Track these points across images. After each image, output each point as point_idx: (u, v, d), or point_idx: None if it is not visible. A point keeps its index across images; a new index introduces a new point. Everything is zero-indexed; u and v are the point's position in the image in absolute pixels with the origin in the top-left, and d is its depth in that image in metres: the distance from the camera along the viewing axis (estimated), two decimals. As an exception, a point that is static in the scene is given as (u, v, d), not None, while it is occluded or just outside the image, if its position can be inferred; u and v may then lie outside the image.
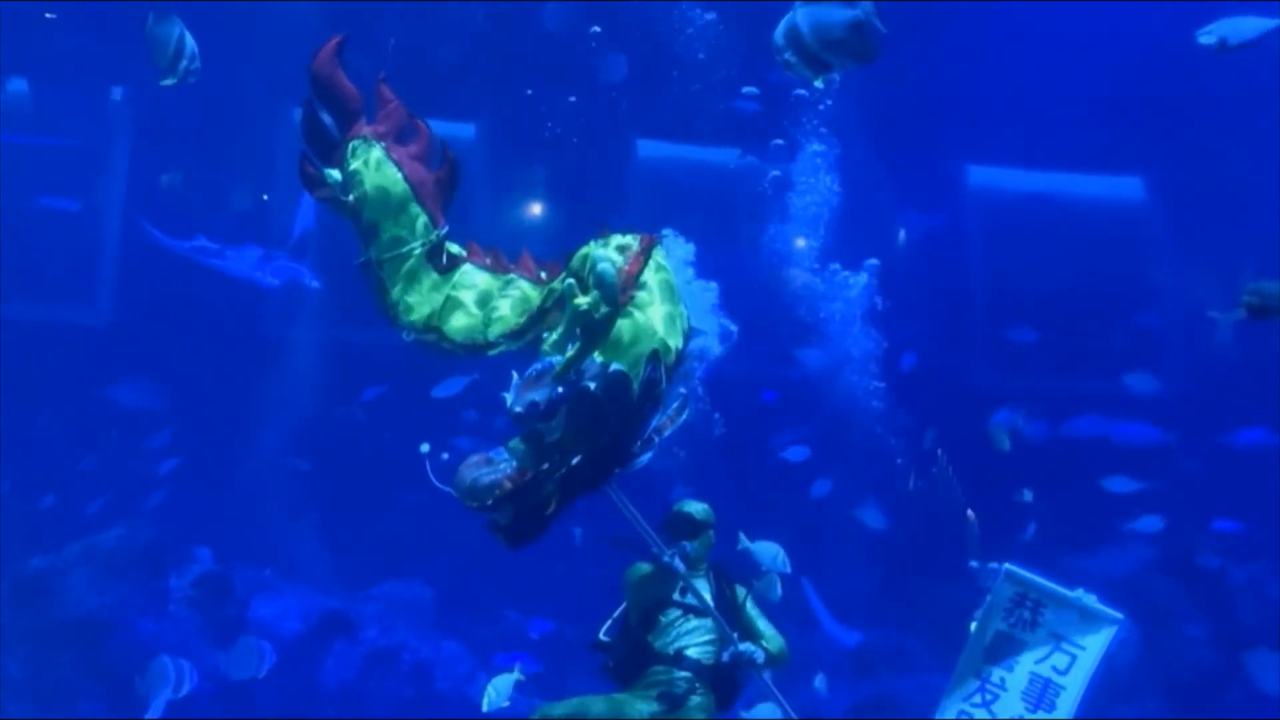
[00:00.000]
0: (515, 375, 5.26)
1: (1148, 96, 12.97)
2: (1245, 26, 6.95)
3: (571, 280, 5.32)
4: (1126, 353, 13.51)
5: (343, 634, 12.36)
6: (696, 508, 6.73)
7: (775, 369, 13.37)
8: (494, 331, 5.58)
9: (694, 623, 6.46)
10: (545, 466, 5.17)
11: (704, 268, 5.83)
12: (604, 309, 5.20)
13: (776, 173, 12.73)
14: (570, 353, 5.23)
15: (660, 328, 5.36)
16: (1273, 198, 13.26)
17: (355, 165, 5.70)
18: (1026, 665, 5.90)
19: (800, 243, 14.96)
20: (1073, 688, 5.83)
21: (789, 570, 9.41)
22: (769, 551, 9.13)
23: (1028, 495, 12.60)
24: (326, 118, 5.80)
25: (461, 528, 12.27)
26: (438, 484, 5.28)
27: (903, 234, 13.24)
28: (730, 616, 6.49)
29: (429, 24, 13.33)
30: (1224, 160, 13.13)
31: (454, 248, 5.76)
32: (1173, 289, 13.80)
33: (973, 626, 6.10)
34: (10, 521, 12.35)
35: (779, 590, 9.17)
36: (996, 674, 5.93)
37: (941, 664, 12.43)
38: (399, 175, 5.69)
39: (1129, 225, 14.59)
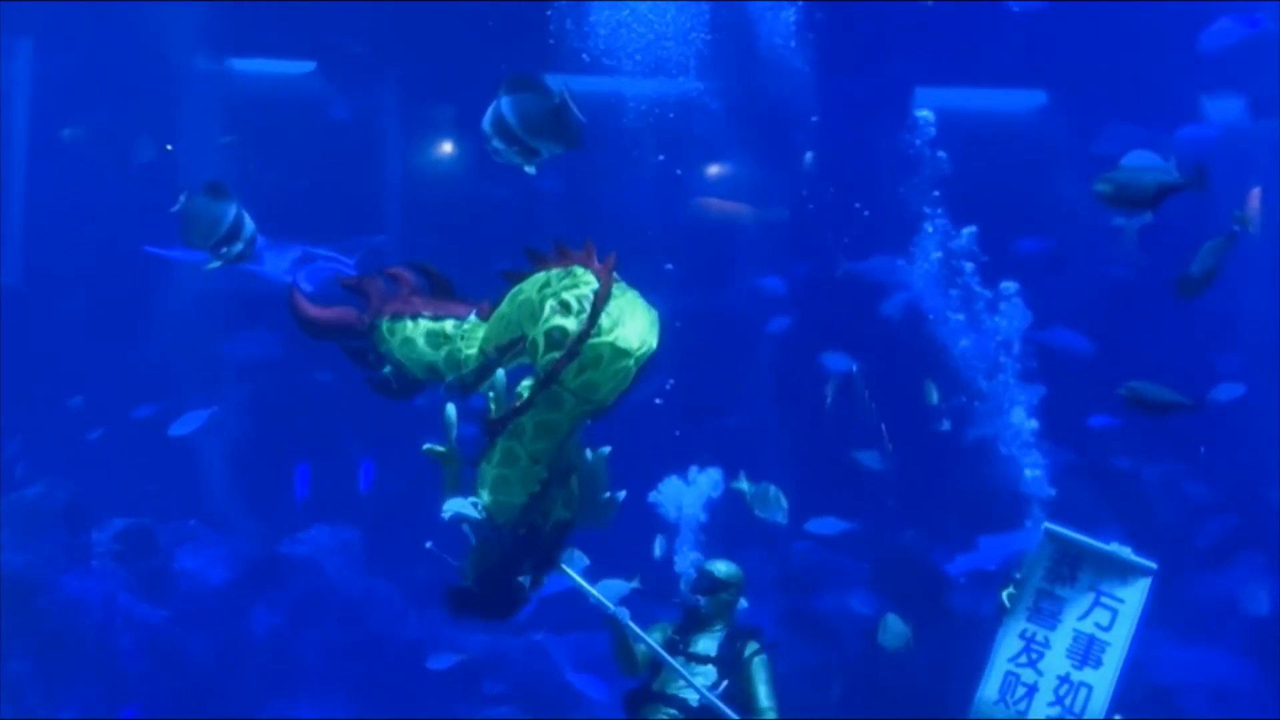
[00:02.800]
0: None
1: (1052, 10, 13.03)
2: None
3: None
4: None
5: (271, 581, 12.39)
6: (721, 567, 7.03)
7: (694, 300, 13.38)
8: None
9: (695, 669, 6.67)
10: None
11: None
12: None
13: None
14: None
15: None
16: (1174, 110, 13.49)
17: (384, 349, 5.85)
18: (1070, 622, 5.94)
19: (713, 170, 14.98)
20: (1117, 643, 5.87)
21: (785, 521, 9.51)
22: (764, 493, 9.21)
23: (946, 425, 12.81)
24: (350, 343, 5.96)
25: (387, 470, 12.41)
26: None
27: (809, 156, 13.22)
28: (730, 670, 6.71)
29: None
30: (1126, 72, 13.26)
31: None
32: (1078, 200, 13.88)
33: (1004, 594, 6.16)
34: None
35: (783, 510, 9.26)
36: (1041, 633, 5.96)
37: (868, 579, 12.68)
38: (406, 319, 5.78)
39: (1033, 139, 14.67)
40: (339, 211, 13.76)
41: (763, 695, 6.69)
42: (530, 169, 5.68)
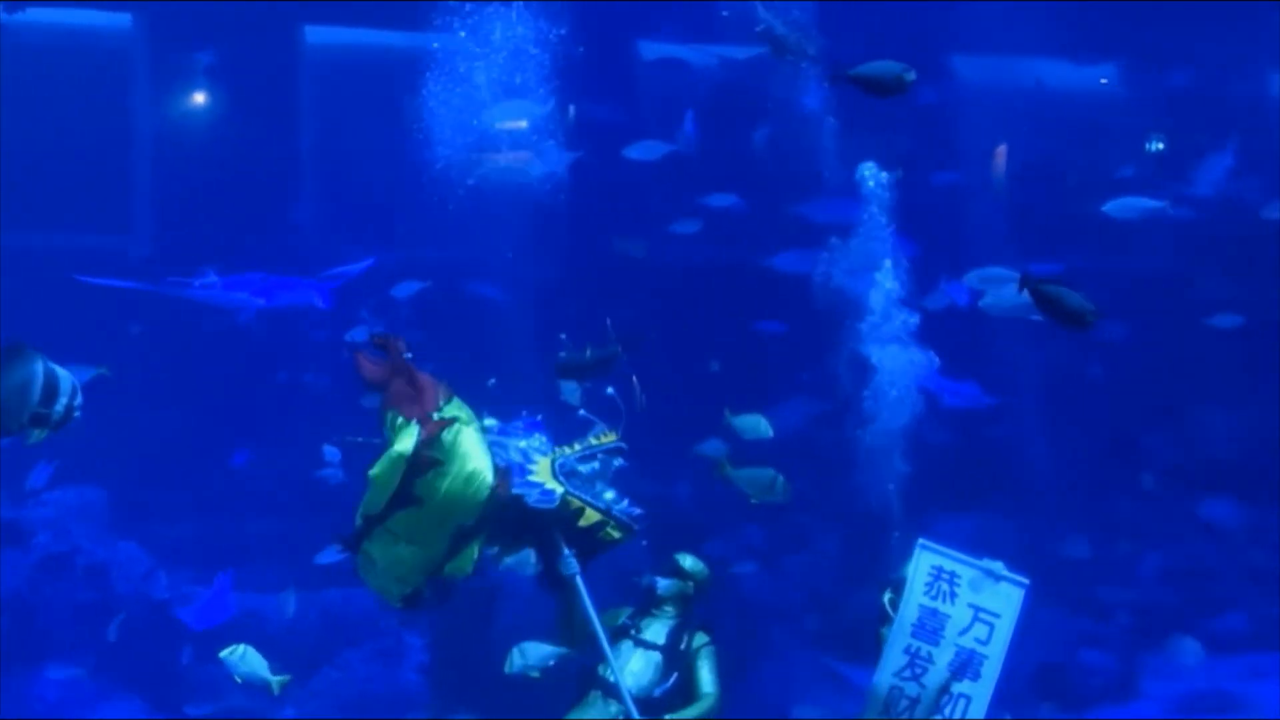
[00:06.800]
0: None
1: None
2: None
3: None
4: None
5: (12, 543, 12.08)
6: (687, 560, 7.28)
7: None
8: None
9: (642, 658, 6.93)
10: None
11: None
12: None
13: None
14: None
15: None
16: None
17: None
18: (951, 638, 6.26)
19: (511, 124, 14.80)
20: (994, 656, 6.22)
21: (770, 434, 9.88)
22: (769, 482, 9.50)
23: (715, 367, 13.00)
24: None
25: (133, 431, 12.15)
26: None
27: (571, 110, 13.16)
28: (676, 661, 6.94)
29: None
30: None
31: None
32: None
33: (885, 597, 6.52)
34: None
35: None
36: (925, 649, 6.28)
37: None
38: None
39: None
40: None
41: (706, 680, 6.96)
42: None
